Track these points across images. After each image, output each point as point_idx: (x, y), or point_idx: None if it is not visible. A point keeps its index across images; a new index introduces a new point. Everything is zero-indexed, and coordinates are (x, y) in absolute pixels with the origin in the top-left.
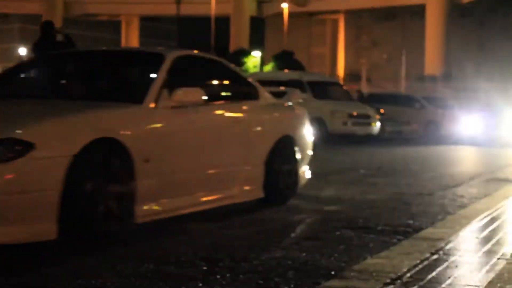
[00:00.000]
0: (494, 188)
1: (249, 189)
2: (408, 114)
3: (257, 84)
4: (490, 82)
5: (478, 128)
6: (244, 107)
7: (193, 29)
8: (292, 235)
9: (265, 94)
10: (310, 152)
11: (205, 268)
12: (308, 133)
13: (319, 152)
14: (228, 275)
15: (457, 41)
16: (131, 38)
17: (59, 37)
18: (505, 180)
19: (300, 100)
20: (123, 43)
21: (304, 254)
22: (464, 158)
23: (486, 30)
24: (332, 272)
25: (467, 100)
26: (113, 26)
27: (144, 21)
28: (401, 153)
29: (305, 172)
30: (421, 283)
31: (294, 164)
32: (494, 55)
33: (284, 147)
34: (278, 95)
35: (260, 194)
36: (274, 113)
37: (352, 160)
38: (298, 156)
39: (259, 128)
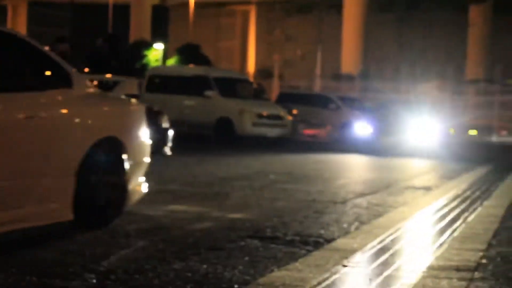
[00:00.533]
0: (411, 196)
1: (51, 208)
2: (323, 115)
3: (70, 68)
4: (409, 82)
5: (372, 133)
6: (47, 98)
7: (89, 17)
8: (193, 244)
9: (81, 82)
10: (147, 159)
11: (94, 281)
12: (144, 135)
13: (226, 155)
14: None
15: (376, 38)
16: (18, 25)
17: None
18: (423, 188)
19: (136, 93)
20: None
21: (205, 266)
22: (380, 165)
23: (407, 27)
24: (236, 286)
25: (375, 101)
26: None
27: (33, 6)
28: (313, 158)
29: (140, 185)
30: None
31: (121, 175)
32: (414, 53)
33: (106, 152)
34: (109, 85)
35: (67, 215)
36: (93, 108)
37: (260, 164)
38: (127, 165)
39: (67, 127)
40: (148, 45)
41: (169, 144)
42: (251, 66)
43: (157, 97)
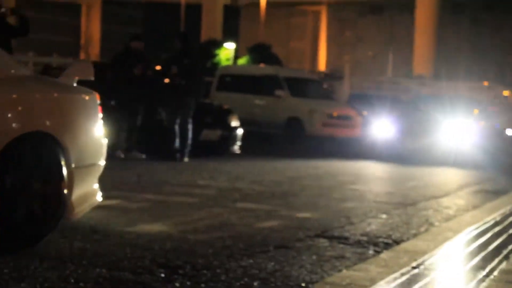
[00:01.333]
0: (482, 200)
1: None
2: None
3: None
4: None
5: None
6: None
7: (162, 17)
8: (261, 242)
9: (4, 63)
10: (100, 162)
11: (163, 275)
12: (95, 131)
13: (295, 155)
14: (188, 283)
15: (448, 39)
16: (92, 23)
17: (11, 20)
18: (494, 192)
19: (92, 78)
20: (83, 28)
21: (272, 263)
22: (448, 167)
23: (479, 29)
24: (303, 284)
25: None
26: (73, 9)
27: (107, 5)
28: (383, 160)
29: (93, 194)
30: None
31: (56, 181)
32: (487, 55)
33: (32, 152)
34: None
35: None
36: (14, 95)
37: (329, 164)
38: (64, 169)
39: None
40: (219, 45)
41: (238, 142)
42: (321, 67)
43: (227, 96)
